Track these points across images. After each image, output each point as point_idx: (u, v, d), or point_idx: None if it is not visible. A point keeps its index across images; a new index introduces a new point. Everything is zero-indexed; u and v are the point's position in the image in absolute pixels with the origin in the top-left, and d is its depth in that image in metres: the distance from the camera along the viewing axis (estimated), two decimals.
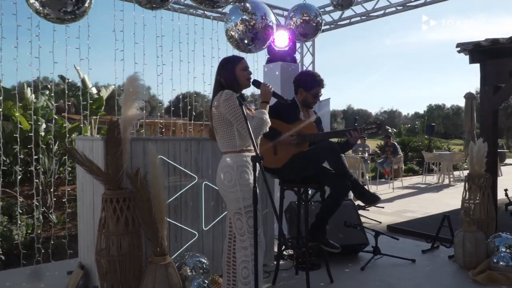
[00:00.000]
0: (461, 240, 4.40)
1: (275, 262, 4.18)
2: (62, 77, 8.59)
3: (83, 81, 8.85)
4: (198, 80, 6.60)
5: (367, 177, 12.32)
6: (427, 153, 15.16)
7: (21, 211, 5.92)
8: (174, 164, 3.88)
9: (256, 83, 3.15)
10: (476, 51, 5.65)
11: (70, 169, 7.92)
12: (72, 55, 5.42)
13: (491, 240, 4.43)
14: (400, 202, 10.09)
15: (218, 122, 2.98)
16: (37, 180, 5.79)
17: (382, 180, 13.40)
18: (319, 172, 3.82)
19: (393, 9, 6.85)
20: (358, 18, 7.36)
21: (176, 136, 6.38)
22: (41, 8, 3.70)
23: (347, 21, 7.51)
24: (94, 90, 9.64)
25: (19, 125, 5.73)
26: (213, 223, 4.13)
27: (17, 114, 6.83)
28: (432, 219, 7.07)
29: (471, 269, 4.23)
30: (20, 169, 6.02)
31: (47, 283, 4.11)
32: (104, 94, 9.91)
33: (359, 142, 13.63)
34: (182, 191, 3.94)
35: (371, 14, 7.13)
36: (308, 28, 5.48)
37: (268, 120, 2.99)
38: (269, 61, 6.71)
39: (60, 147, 7.68)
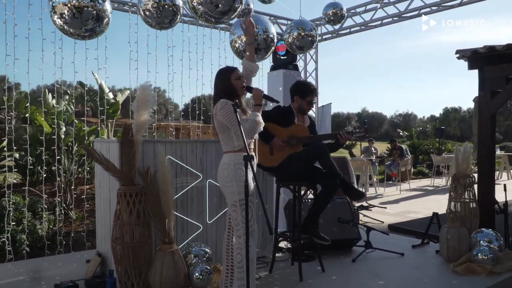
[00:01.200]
0: (445, 235, 4.70)
1: None
2: (81, 84, 9.12)
3: (100, 86, 9.38)
4: (206, 87, 7.08)
5: (374, 179, 12.56)
6: (436, 156, 15.35)
7: (45, 207, 6.42)
8: (181, 163, 4.26)
9: (249, 89, 3.47)
10: (474, 58, 5.78)
11: (88, 169, 8.46)
12: (91, 64, 5.95)
13: (474, 235, 4.70)
14: (405, 203, 10.31)
15: (218, 128, 3.37)
16: (58, 179, 6.29)
17: (390, 182, 13.60)
18: (311, 171, 4.22)
19: (390, 19, 7.27)
20: (358, 28, 7.79)
21: (182, 139, 6.84)
22: (64, 26, 4.17)
23: (347, 30, 7.96)
24: (110, 95, 10.17)
25: (44, 128, 6.24)
26: (216, 217, 4.51)
27: (42, 118, 7.35)
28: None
29: (453, 262, 4.53)
30: (46, 168, 6.52)
31: (68, 269, 4.54)
32: (120, 98, 10.44)
33: (367, 144, 14.03)
34: (188, 188, 4.31)
35: (369, 24, 7.54)
36: (304, 41, 5.90)
37: (262, 121, 3.32)
38: (273, 68, 7.15)
39: (79, 149, 8.18)
